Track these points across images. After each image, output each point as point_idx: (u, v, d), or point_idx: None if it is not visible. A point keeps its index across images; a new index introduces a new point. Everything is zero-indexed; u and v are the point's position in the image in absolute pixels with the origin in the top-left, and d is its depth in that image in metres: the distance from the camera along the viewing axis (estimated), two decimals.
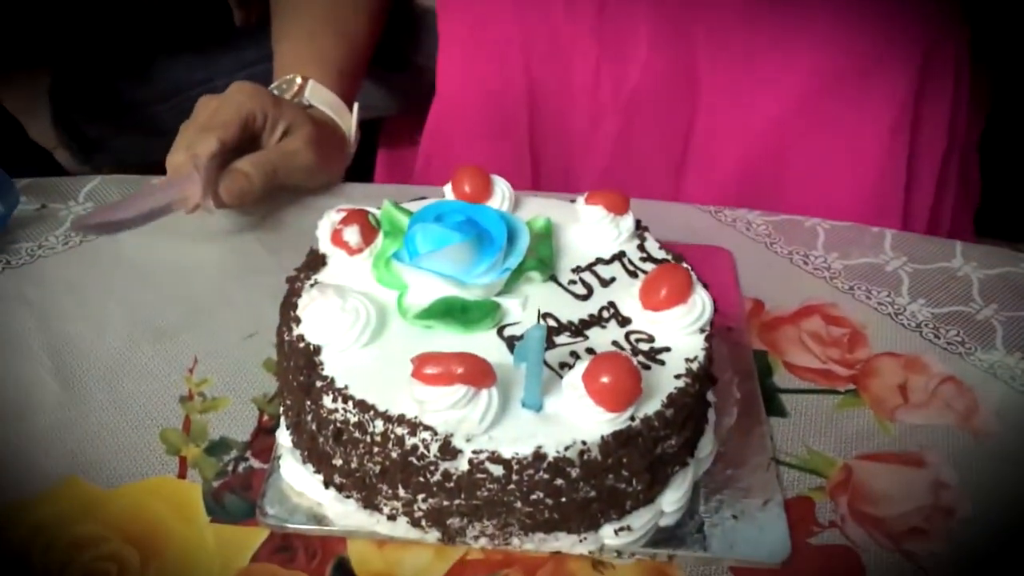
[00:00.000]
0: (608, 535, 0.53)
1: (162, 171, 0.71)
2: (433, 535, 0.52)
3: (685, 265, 0.58)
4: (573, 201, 0.63)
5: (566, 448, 0.49)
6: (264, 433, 0.59)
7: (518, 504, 0.50)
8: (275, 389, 0.61)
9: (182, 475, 0.56)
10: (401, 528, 0.52)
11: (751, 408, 0.62)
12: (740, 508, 0.56)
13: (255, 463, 0.57)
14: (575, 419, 0.49)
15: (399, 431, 0.49)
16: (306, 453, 0.54)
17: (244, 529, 0.53)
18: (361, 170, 0.96)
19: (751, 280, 0.72)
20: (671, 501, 0.54)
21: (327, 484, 0.53)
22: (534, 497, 0.50)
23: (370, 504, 0.52)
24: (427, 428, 0.48)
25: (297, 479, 0.54)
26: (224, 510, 0.54)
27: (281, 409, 0.57)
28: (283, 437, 0.56)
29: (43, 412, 0.59)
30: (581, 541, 0.52)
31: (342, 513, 0.53)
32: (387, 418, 0.49)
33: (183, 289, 0.68)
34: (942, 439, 0.62)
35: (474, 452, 0.48)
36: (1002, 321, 0.70)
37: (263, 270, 0.69)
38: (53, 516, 0.53)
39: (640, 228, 0.62)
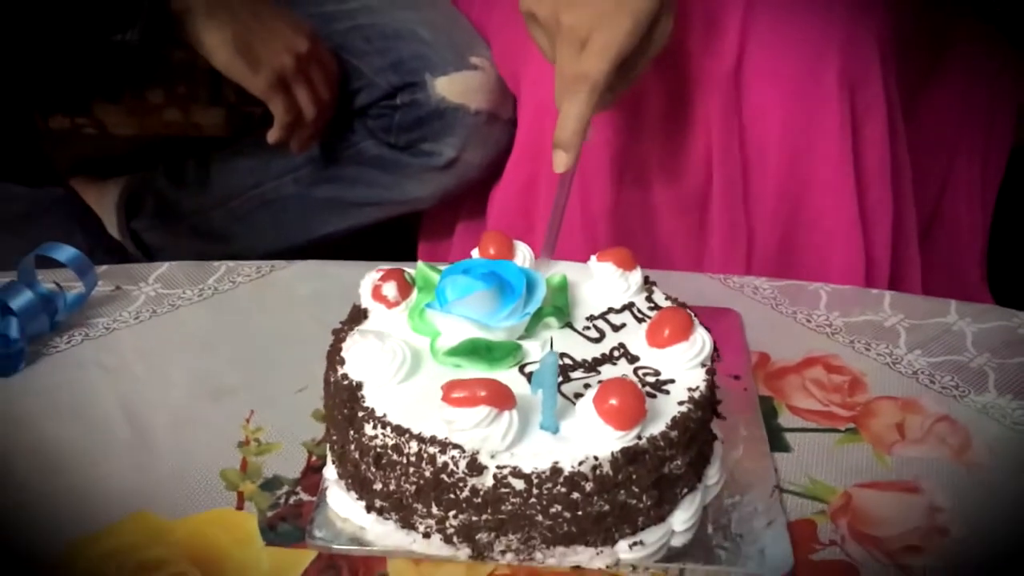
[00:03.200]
0: (623, 550, 0.58)
1: None
2: (464, 551, 0.58)
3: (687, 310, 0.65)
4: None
5: (580, 463, 0.55)
6: (312, 471, 0.65)
7: (539, 517, 0.56)
8: (323, 435, 0.67)
9: (239, 507, 0.62)
10: (435, 546, 0.58)
11: (756, 444, 0.67)
12: (746, 528, 0.61)
13: (304, 496, 0.63)
14: (588, 438, 0.55)
15: (431, 450, 0.55)
16: (350, 481, 0.60)
17: (295, 551, 0.59)
18: (403, 258, 1.04)
19: (758, 336, 0.78)
20: (681, 520, 0.59)
21: (368, 509, 0.59)
22: (553, 510, 0.55)
23: (407, 524, 0.58)
24: (455, 446, 0.55)
25: (342, 506, 0.61)
26: (277, 535, 0.60)
27: (327, 446, 0.64)
28: (329, 472, 0.63)
29: (115, 456, 0.66)
30: (598, 554, 0.58)
31: (382, 534, 0.59)
32: (420, 439, 0.55)
33: (240, 354, 0.76)
34: (936, 470, 0.66)
35: (498, 467, 0.54)
36: (994, 367, 0.76)
37: (311, 337, 0.76)
38: (124, 543, 0.59)
39: (648, 282, 0.69)
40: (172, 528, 0.60)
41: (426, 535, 0.58)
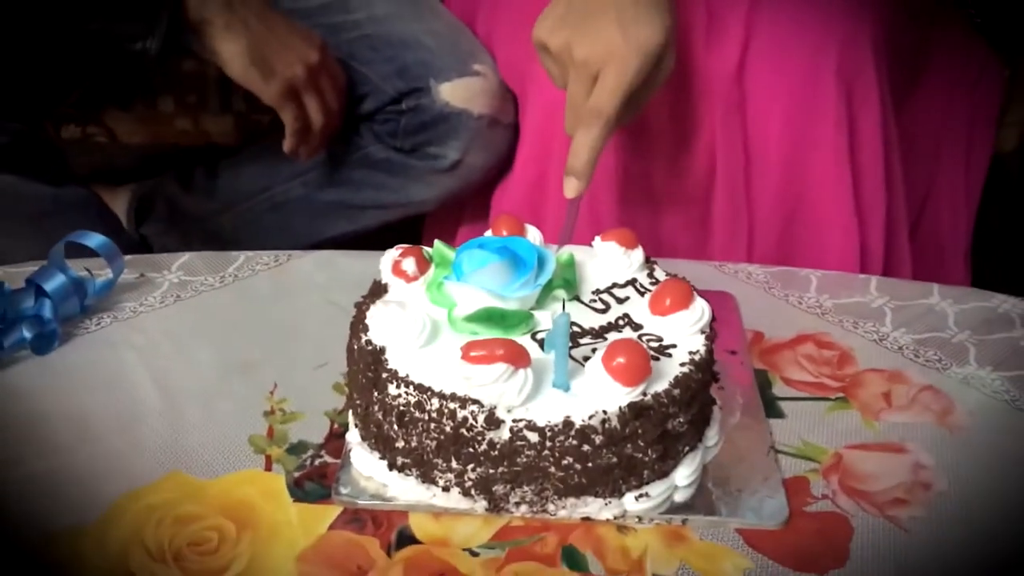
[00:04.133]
0: (630, 501, 0.62)
1: None
2: (481, 504, 0.62)
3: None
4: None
5: (590, 417, 0.59)
6: (335, 437, 0.69)
7: (552, 469, 0.60)
8: (343, 405, 0.71)
9: (268, 469, 0.66)
10: (454, 499, 0.62)
11: (752, 410, 0.72)
12: (744, 484, 0.65)
13: (328, 459, 0.67)
14: (597, 394, 0.59)
15: (451, 406, 0.59)
16: (373, 441, 0.64)
17: (322, 507, 0.63)
18: None
19: (752, 317, 0.83)
20: (684, 476, 0.64)
21: (391, 466, 0.63)
22: (565, 462, 0.60)
23: (427, 479, 0.62)
24: (474, 402, 0.59)
25: (365, 465, 0.65)
26: (304, 493, 0.64)
27: (350, 412, 0.68)
28: (352, 436, 0.67)
29: (148, 424, 0.70)
30: (607, 505, 0.62)
31: (404, 489, 0.63)
32: (441, 396, 0.59)
33: (261, 334, 0.80)
34: (921, 433, 0.71)
35: (514, 421, 0.59)
36: (975, 343, 0.80)
37: (327, 318, 0.81)
38: (161, 500, 0.63)
39: (649, 261, 0.73)
40: (205, 486, 0.64)
41: (445, 489, 0.62)
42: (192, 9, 1.05)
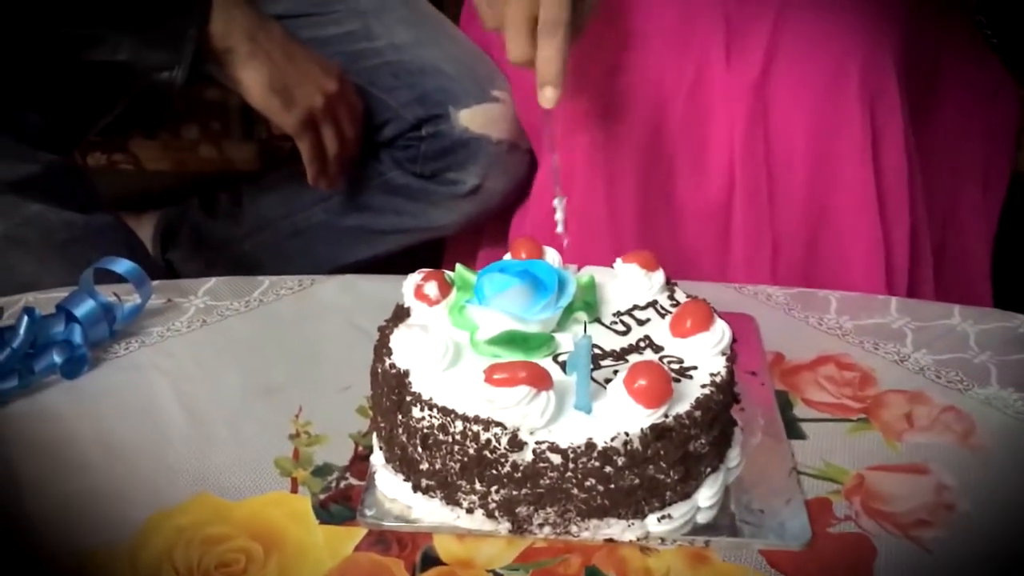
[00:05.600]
0: (652, 523, 0.62)
1: None
2: (504, 526, 0.62)
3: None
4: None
5: (612, 439, 0.59)
6: (360, 460, 0.70)
7: (575, 491, 0.60)
8: (367, 427, 0.72)
9: (294, 491, 0.67)
10: (478, 520, 0.62)
11: (774, 431, 0.72)
12: (766, 505, 0.65)
13: (353, 481, 0.68)
14: (619, 416, 0.60)
15: (475, 428, 0.60)
16: (397, 464, 0.65)
17: (347, 529, 0.64)
18: None
19: (772, 338, 0.83)
20: (706, 497, 0.64)
21: (415, 488, 0.64)
22: (588, 484, 0.60)
23: (451, 500, 0.63)
24: (497, 424, 0.59)
25: (390, 487, 0.65)
26: (330, 515, 0.65)
27: (374, 434, 0.68)
28: (376, 458, 0.68)
29: (176, 446, 0.71)
30: (629, 527, 0.62)
31: (428, 511, 0.64)
32: (465, 419, 0.60)
33: (286, 357, 0.81)
34: (943, 454, 0.71)
35: (537, 443, 0.59)
36: (996, 364, 0.80)
37: (351, 342, 0.82)
38: (190, 521, 0.64)
39: (669, 282, 0.74)
40: (233, 508, 0.65)
41: (469, 511, 0.63)
42: (216, 39, 1.07)
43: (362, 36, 1.22)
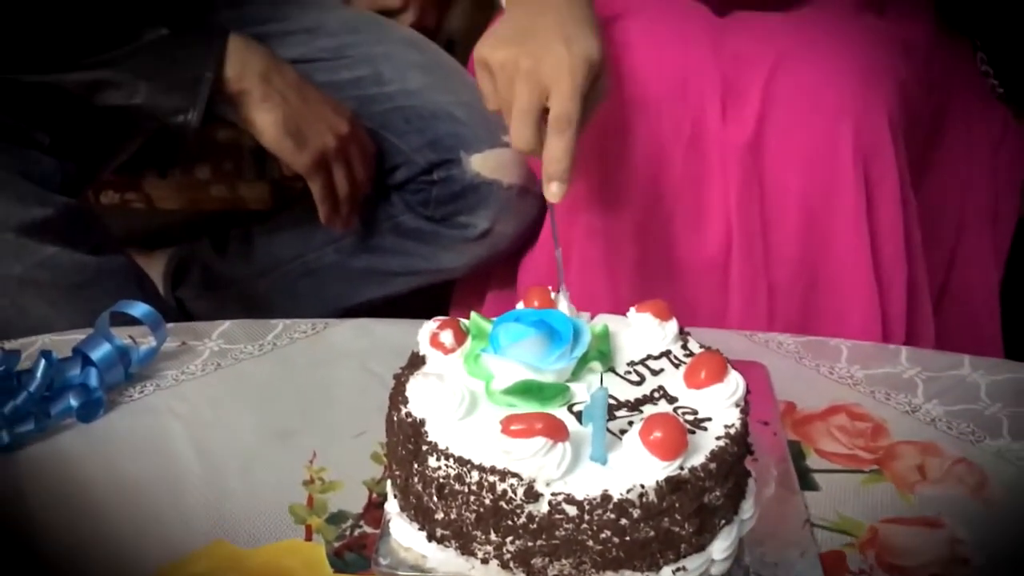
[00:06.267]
0: (667, 575, 0.62)
1: None
2: None
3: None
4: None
5: (628, 491, 0.59)
6: (374, 507, 0.70)
7: (590, 543, 0.60)
8: (382, 474, 0.72)
9: (308, 538, 0.68)
10: (493, 571, 0.62)
11: (787, 482, 0.72)
12: (780, 558, 0.65)
13: (368, 529, 0.68)
14: (635, 468, 0.60)
15: (491, 479, 0.60)
16: (412, 513, 0.65)
17: None
18: None
19: (784, 387, 0.84)
20: (720, 549, 0.64)
21: (430, 538, 0.64)
22: (603, 536, 0.60)
23: (466, 551, 0.63)
24: (514, 475, 0.60)
25: (405, 536, 0.65)
26: (344, 564, 0.65)
27: (388, 482, 0.69)
28: (391, 506, 0.68)
29: (191, 491, 0.71)
30: None
31: (443, 560, 0.64)
32: (481, 469, 0.60)
33: (300, 402, 0.82)
34: (956, 507, 0.71)
35: (552, 495, 0.59)
36: (1008, 415, 0.81)
37: (365, 387, 0.83)
38: (206, 568, 0.64)
39: (683, 332, 0.74)
40: (248, 556, 0.65)
41: (484, 561, 0.63)
42: (231, 81, 1.08)
43: (374, 81, 1.24)
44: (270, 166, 1.42)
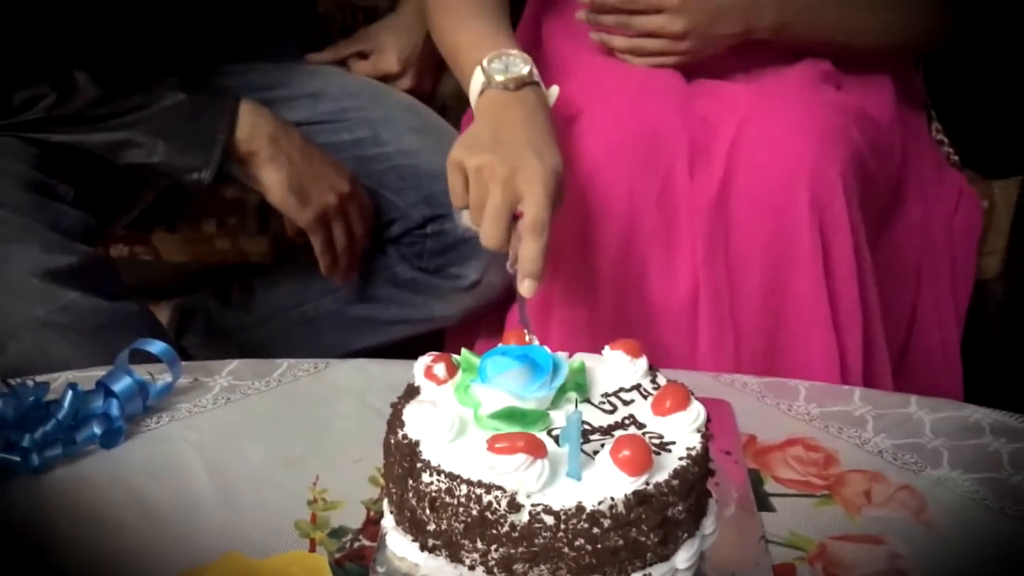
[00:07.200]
0: None
1: None
2: None
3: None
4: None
5: (599, 503, 0.67)
6: (371, 524, 0.77)
7: (566, 550, 0.68)
8: (378, 495, 0.80)
9: (312, 550, 0.75)
10: None
11: (746, 504, 0.80)
12: (737, 568, 0.73)
13: (366, 542, 0.75)
14: (606, 483, 0.68)
15: (478, 492, 0.67)
16: (406, 525, 0.72)
17: None
18: None
19: (746, 422, 0.92)
20: (683, 560, 0.71)
21: (422, 548, 0.71)
22: (577, 543, 0.67)
23: (455, 558, 0.70)
24: (498, 488, 0.67)
25: (399, 547, 0.72)
26: (345, 572, 0.72)
27: (384, 501, 0.76)
28: (387, 522, 0.75)
29: (204, 510, 0.79)
30: None
31: (434, 568, 0.71)
32: (469, 483, 0.68)
33: (304, 432, 0.89)
34: (898, 527, 0.79)
35: (532, 506, 0.67)
36: (948, 448, 0.88)
37: (363, 419, 0.90)
38: None
39: (652, 368, 0.83)
40: (258, 566, 0.73)
41: (471, 567, 0.70)
42: (242, 143, 1.17)
43: (372, 142, 1.33)
44: (272, 221, 1.51)
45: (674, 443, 0.73)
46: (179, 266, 1.56)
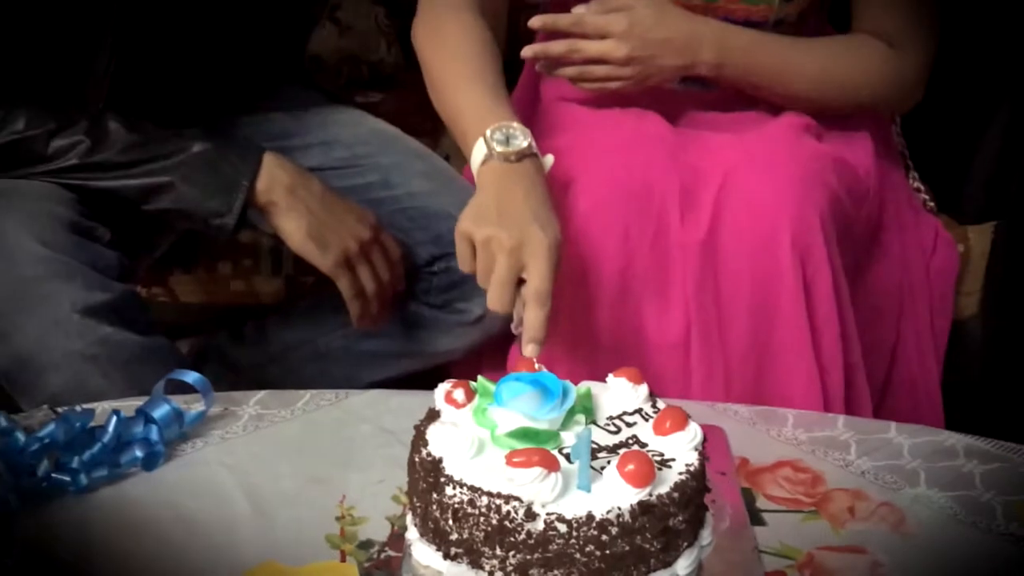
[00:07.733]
0: None
1: None
2: None
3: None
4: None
5: (607, 512, 0.74)
6: (396, 537, 0.84)
7: (577, 556, 0.74)
8: (401, 512, 0.86)
9: (342, 560, 0.81)
10: None
11: (740, 519, 0.87)
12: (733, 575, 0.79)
13: (392, 552, 0.82)
14: (613, 494, 0.75)
15: (497, 502, 0.74)
16: (430, 536, 0.79)
17: None
18: None
19: (739, 446, 0.99)
20: (683, 566, 0.78)
21: (445, 556, 0.78)
22: (587, 550, 0.74)
23: (476, 565, 0.77)
24: (516, 498, 0.74)
25: (424, 556, 0.79)
26: None
27: (408, 515, 0.83)
28: (411, 534, 0.82)
29: (241, 525, 0.85)
30: None
31: (457, 573, 0.77)
32: (489, 495, 0.75)
33: (329, 455, 0.96)
34: (879, 538, 0.86)
35: (547, 515, 0.74)
36: (925, 469, 0.96)
37: (383, 443, 0.97)
38: None
39: (652, 394, 0.90)
40: (296, 572, 0.79)
41: (491, 573, 0.76)
42: (261, 193, 1.24)
43: (382, 186, 1.40)
44: (285, 263, 1.58)
45: (674, 460, 0.80)
46: (195, 307, 1.63)
